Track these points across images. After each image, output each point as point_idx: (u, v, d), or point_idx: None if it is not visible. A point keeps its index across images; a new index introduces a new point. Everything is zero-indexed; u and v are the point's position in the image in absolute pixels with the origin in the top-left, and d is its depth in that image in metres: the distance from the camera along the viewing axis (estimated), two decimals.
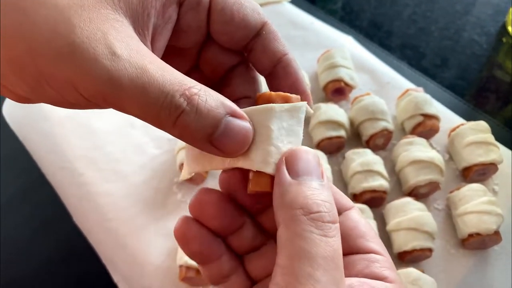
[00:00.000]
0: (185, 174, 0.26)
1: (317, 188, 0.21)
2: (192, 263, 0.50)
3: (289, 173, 0.22)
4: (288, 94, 0.24)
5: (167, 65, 0.21)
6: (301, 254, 0.19)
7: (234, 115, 0.22)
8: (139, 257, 0.56)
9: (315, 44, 0.77)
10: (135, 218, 0.59)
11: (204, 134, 0.21)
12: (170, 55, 0.26)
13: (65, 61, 0.19)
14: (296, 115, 0.24)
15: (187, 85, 0.20)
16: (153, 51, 0.23)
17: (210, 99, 0.21)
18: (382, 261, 0.24)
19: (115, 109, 0.21)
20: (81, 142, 0.66)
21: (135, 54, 0.20)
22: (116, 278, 0.56)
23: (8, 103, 0.71)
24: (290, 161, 0.22)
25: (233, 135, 0.21)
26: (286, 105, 0.23)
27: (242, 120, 0.22)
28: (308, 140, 0.65)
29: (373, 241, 0.25)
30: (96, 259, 0.57)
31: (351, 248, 0.24)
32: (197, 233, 0.25)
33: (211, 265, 0.25)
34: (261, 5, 0.85)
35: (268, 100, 0.24)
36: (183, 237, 0.25)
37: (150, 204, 0.60)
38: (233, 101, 0.24)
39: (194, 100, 0.20)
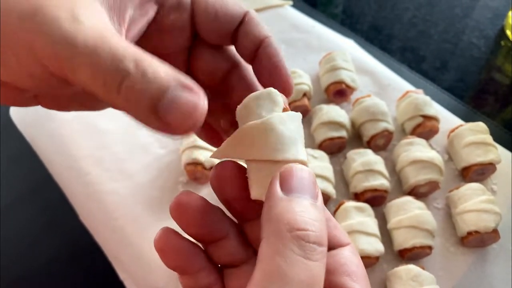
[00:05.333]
0: (216, 154, 0.25)
1: (307, 206, 0.20)
2: None
3: (281, 189, 0.21)
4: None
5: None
6: (276, 273, 0.18)
7: (186, 87, 0.20)
8: (145, 255, 0.57)
9: (316, 47, 0.79)
10: (141, 217, 0.60)
11: (148, 102, 0.19)
12: None
13: (27, 22, 0.19)
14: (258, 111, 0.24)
15: (141, 54, 0.19)
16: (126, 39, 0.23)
17: (162, 68, 0.20)
18: None
19: (70, 79, 0.20)
20: (87, 142, 0.67)
21: (98, 23, 0.19)
22: (122, 276, 0.57)
23: None
24: (284, 177, 0.21)
25: (179, 106, 0.19)
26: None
27: (193, 94, 0.20)
28: (310, 141, 0.66)
29: (359, 282, 0.23)
30: (102, 257, 0.58)
31: (332, 285, 0.23)
32: (175, 246, 0.24)
33: (189, 276, 0.25)
34: (263, 8, 0.86)
35: None
36: (161, 250, 0.24)
37: (155, 203, 0.61)
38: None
39: (142, 64, 0.19)
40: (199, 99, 0.20)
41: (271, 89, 0.24)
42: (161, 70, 0.19)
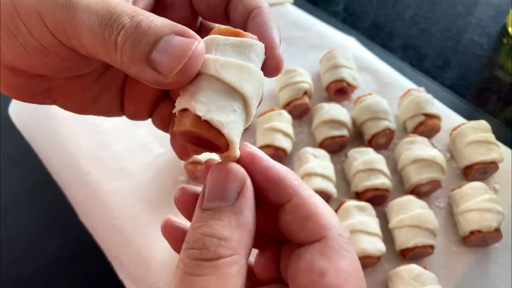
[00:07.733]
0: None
1: None
2: None
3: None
4: (240, 31, 0.22)
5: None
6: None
7: (182, 34, 0.20)
8: (145, 254, 0.56)
9: (318, 45, 0.78)
10: (140, 216, 0.59)
11: (142, 52, 0.19)
12: None
13: None
14: (244, 52, 0.22)
15: (138, 10, 0.20)
16: None
17: (157, 19, 0.20)
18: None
19: (75, 45, 0.20)
20: (87, 141, 0.67)
21: None
22: (122, 275, 0.56)
23: (15, 104, 0.72)
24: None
25: (170, 50, 0.19)
26: (231, 39, 0.21)
27: (187, 38, 0.20)
28: (311, 139, 0.66)
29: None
30: (102, 256, 0.58)
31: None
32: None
33: None
34: None
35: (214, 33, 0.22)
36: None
37: (155, 202, 0.61)
38: None
39: (137, 17, 0.19)
40: (193, 42, 0.20)
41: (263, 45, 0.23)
42: (157, 22, 0.20)
